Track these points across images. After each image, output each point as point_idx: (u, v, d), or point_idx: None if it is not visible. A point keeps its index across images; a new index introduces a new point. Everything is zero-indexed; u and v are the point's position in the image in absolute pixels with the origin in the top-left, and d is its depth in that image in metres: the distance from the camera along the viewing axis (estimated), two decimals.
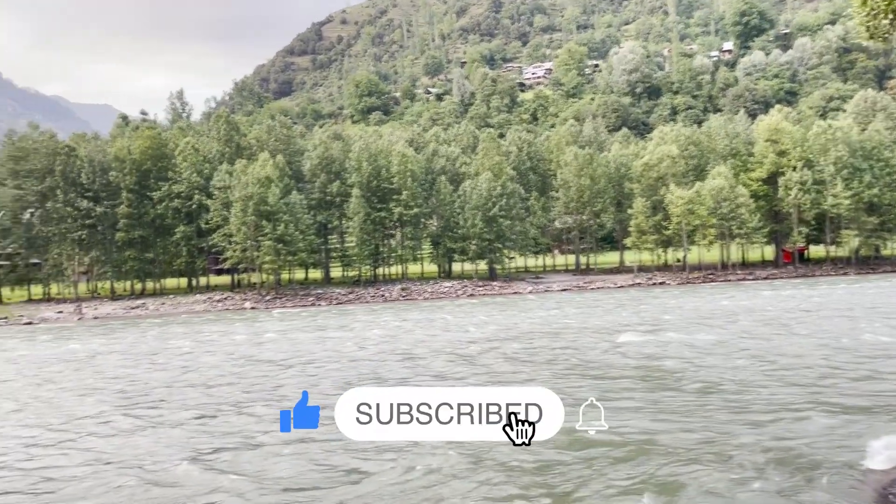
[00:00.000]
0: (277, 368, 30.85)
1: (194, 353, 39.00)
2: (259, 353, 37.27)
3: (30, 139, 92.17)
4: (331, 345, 39.15)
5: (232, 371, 30.82)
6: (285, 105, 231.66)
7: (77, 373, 33.43)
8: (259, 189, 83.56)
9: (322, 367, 30.27)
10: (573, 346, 32.82)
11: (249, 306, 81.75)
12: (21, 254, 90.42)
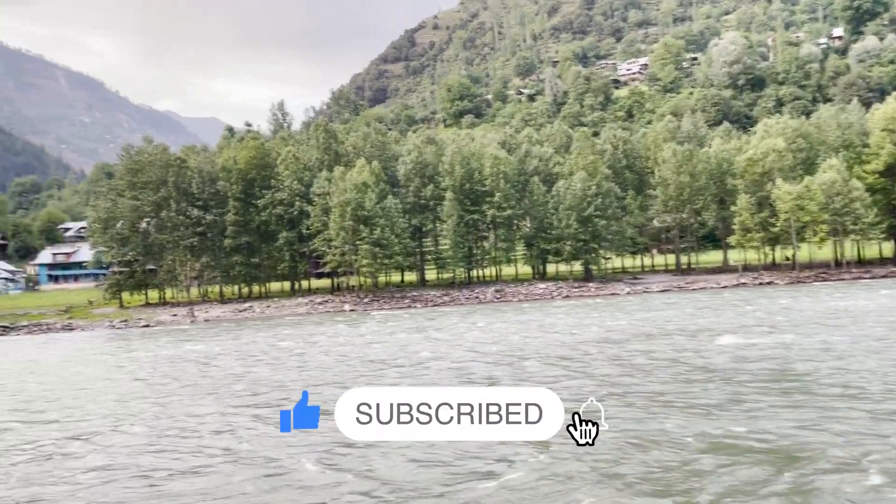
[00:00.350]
0: (389, 368, 31.27)
1: (307, 353, 40.18)
2: (368, 353, 38.05)
3: (145, 153, 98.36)
4: (433, 346, 39.57)
5: (346, 370, 31.57)
6: (380, 112, 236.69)
7: (200, 372, 35.17)
8: (356, 195, 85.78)
9: (429, 368, 30.41)
10: (688, 349, 31.63)
11: (349, 308, 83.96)
12: (139, 260, 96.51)
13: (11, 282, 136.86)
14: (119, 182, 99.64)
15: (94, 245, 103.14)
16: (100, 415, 24.00)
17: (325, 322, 67.28)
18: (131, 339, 63.33)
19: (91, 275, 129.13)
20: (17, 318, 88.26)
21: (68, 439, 20.07)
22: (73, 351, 54.13)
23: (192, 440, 19.13)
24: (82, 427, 21.82)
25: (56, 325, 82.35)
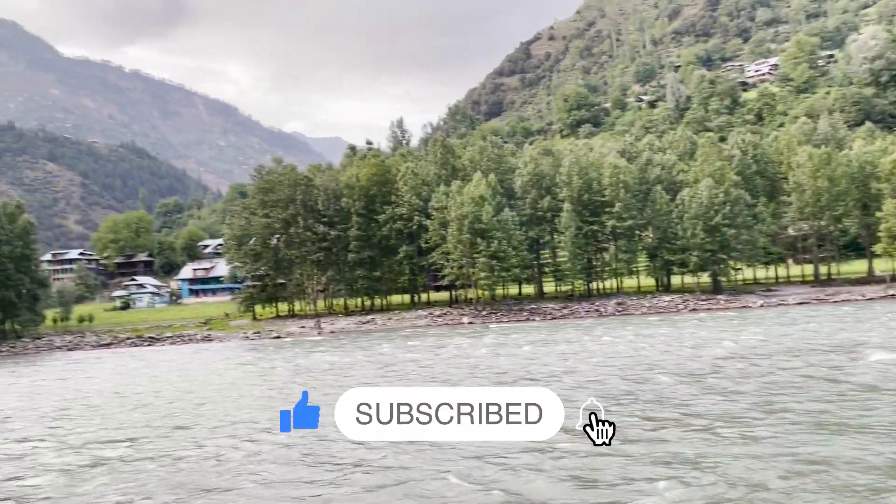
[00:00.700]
0: (524, 382, 30.81)
1: (436, 364, 40.24)
2: (497, 365, 37.55)
3: (275, 172, 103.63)
4: (560, 359, 38.64)
5: (481, 382, 31.32)
6: (496, 125, 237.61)
7: (336, 381, 36.10)
8: (473, 208, 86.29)
9: (563, 382, 29.48)
10: (839, 366, 29.07)
11: (467, 321, 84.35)
12: (270, 275, 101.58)
13: (157, 296, 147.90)
14: (251, 201, 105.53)
15: (230, 261, 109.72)
16: (247, 420, 25.17)
17: (446, 334, 67.84)
18: (265, 349, 66.55)
19: (227, 289, 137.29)
20: (162, 330, 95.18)
21: (227, 446, 20.93)
22: (216, 361, 57.51)
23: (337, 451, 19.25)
24: (240, 431, 22.89)
25: (196, 336, 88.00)
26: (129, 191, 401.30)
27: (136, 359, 66.01)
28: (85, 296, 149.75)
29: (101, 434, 24.51)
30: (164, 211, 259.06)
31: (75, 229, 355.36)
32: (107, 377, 48.65)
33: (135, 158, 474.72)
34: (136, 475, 17.96)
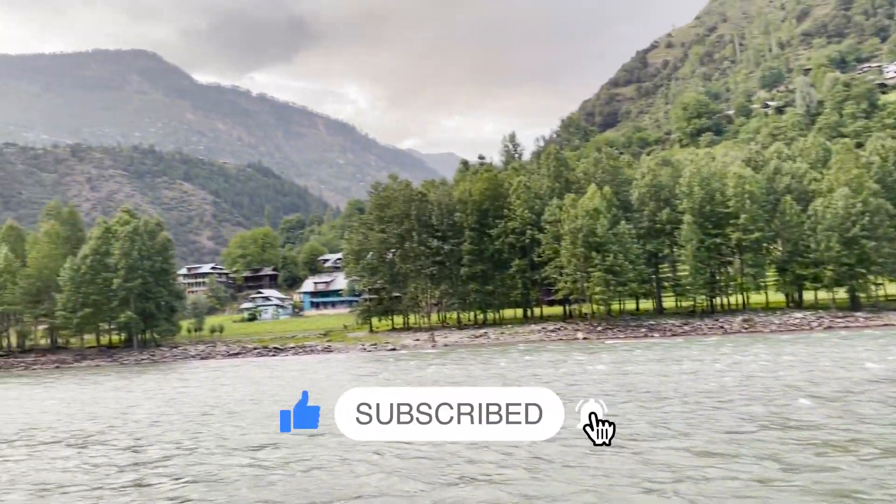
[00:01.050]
0: (664, 401, 29.61)
1: (559, 379, 39.63)
2: (629, 382, 36.26)
3: (390, 189, 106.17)
4: (687, 378, 36.91)
5: (625, 401, 30.20)
6: (611, 136, 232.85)
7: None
8: (588, 221, 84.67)
9: (700, 404, 27.81)
10: None
11: (581, 337, 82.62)
12: (386, 288, 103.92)
13: (281, 308, 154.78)
14: (368, 217, 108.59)
15: (348, 274, 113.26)
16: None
17: (562, 349, 66.69)
18: (385, 361, 67.90)
19: (346, 301, 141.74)
20: (285, 341, 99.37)
21: (358, 459, 21.39)
22: (339, 372, 59.26)
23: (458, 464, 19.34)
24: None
25: (317, 347, 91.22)
26: (255, 208, 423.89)
27: (264, 368, 69.14)
28: (216, 307, 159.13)
29: (244, 439, 25.53)
30: (287, 227, 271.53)
31: (207, 245, 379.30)
32: (241, 384, 51.13)
33: (261, 177, 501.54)
34: (279, 479, 18.61)
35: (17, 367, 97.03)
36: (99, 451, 25.14)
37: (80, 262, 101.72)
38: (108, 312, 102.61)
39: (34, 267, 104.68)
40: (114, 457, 23.98)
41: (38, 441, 28.84)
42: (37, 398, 50.55)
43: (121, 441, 27.33)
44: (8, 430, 32.71)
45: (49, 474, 21.68)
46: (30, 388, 61.55)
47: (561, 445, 19.24)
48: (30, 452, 25.99)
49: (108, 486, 19.51)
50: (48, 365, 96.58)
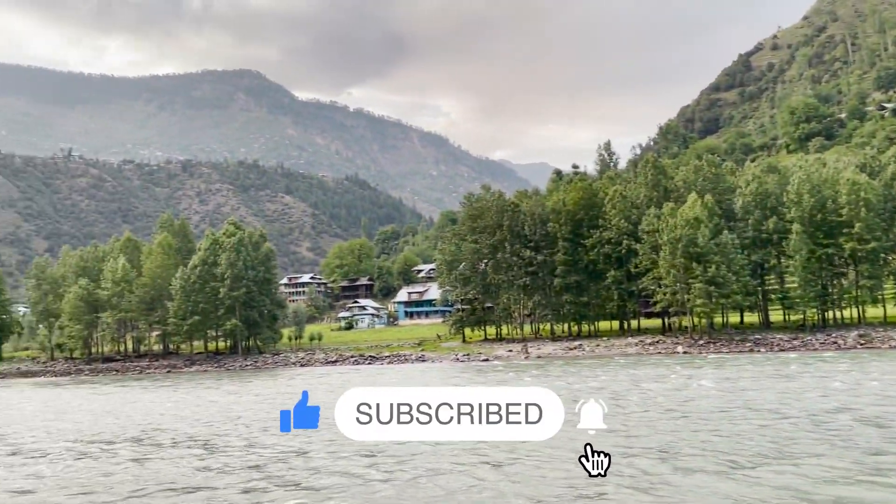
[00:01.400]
0: (783, 420, 28.20)
1: (669, 396, 38.49)
2: (751, 399, 34.64)
3: (483, 199, 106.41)
4: (818, 395, 34.89)
5: (745, 425, 28.97)
6: (712, 143, 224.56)
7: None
8: (688, 230, 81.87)
9: (827, 423, 26.40)
10: None
11: (682, 350, 79.81)
12: (478, 299, 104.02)
13: (376, 317, 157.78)
14: (461, 227, 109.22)
15: (441, 285, 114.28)
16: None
17: (662, 363, 64.63)
18: (485, 372, 67.92)
19: (439, 311, 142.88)
20: (381, 350, 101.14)
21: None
22: (435, 382, 59.74)
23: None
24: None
25: (411, 356, 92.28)
26: (352, 220, 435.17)
27: (361, 374, 70.56)
28: (315, 316, 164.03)
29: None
30: (382, 238, 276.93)
31: (307, 255, 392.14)
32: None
33: (357, 190, 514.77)
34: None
35: (133, 370, 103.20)
36: (217, 453, 26.30)
37: (189, 272, 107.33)
38: (215, 320, 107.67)
39: (148, 276, 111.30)
40: (231, 457, 25.03)
41: (159, 442, 30.49)
42: (156, 401, 53.52)
43: (235, 443, 28.50)
44: (133, 431, 34.75)
45: (175, 474, 22.86)
46: (147, 392, 65.28)
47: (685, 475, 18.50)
48: (153, 453, 27.52)
49: (226, 487, 20.33)
50: (161, 369, 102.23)
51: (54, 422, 41.71)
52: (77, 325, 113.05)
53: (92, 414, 45.69)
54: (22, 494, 21.30)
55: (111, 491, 20.83)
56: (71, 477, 23.51)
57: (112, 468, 24.62)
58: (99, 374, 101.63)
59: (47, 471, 24.87)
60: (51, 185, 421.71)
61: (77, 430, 36.65)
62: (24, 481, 23.26)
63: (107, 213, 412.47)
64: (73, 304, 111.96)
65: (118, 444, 30.12)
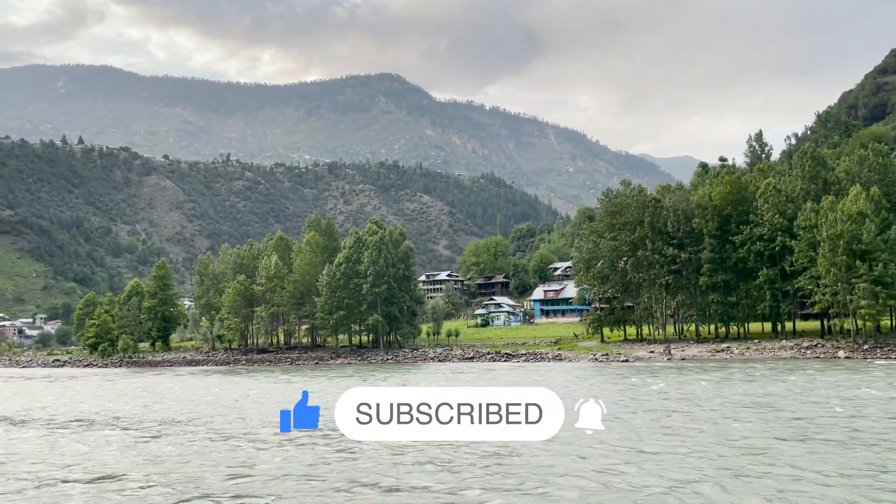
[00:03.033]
0: None
1: (861, 409, 35.98)
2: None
3: (623, 195, 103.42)
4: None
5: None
6: (878, 130, 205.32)
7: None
8: (851, 226, 75.43)
9: None
10: None
11: (843, 355, 73.77)
12: (617, 297, 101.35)
13: (512, 315, 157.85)
14: (599, 224, 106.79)
15: (578, 283, 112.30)
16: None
17: (823, 369, 60.07)
18: (611, 372, 66.31)
19: (575, 310, 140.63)
20: (517, 348, 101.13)
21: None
22: (577, 383, 59.08)
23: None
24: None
25: (548, 355, 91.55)
26: (488, 217, 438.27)
27: (497, 372, 70.95)
28: (452, 313, 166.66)
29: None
30: (518, 235, 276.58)
31: (444, 253, 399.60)
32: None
33: (493, 188, 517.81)
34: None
35: (284, 361, 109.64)
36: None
37: (335, 269, 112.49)
38: (359, 315, 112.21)
39: (298, 273, 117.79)
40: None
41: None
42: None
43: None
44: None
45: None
46: (313, 382, 69.07)
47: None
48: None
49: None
50: (309, 361, 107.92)
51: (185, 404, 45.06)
52: (235, 318, 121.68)
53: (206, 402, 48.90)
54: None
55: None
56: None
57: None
58: (254, 364, 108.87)
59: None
60: (212, 188, 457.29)
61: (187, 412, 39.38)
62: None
63: (261, 213, 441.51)
64: (232, 299, 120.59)
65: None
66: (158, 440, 31.74)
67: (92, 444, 31.33)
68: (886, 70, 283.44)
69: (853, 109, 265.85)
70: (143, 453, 28.25)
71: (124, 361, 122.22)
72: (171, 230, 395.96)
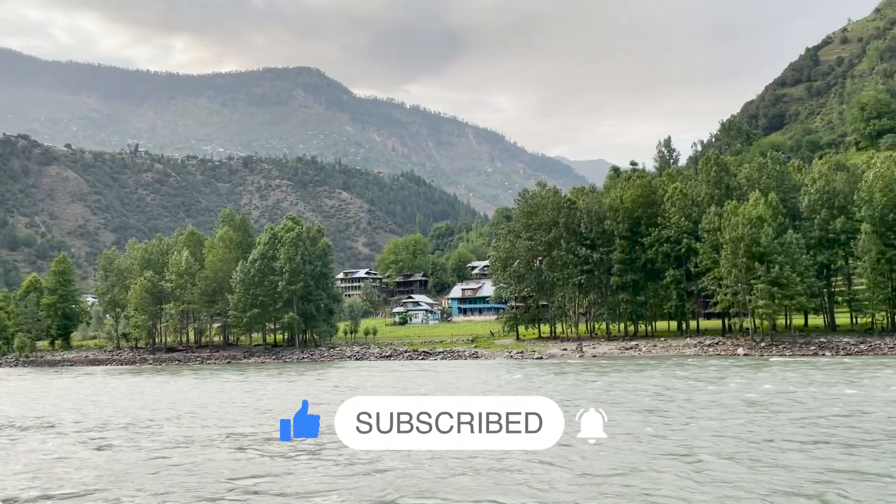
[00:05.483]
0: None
1: (757, 402, 38.04)
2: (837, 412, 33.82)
3: (539, 196, 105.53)
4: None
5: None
6: (776, 139, 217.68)
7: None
8: (750, 230, 79.58)
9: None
10: None
11: (742, 353, 77.76)
12: (533, 296, 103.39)
13: (430, 313, 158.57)
14: (516, 224, 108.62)
15: (495, 282, 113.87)
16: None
17: (722, 366, 63.11)
18: (520, 366, 67.55)
19: (493, 308, 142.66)
20: (434, 346, 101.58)
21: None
22: (486, 380, 59.75)
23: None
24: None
25: (464, 352, 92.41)
26: (407, 216, 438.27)
27: (419, 370, 71.01)
28: (370, 311, 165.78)
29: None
30: (437, 234, 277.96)
31: (363, 251, 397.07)
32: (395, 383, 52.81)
33: (413, 186, 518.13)
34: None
35: (195, 361, 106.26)
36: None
37: (249, 266, 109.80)
38: (274, 313, 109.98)
39: (210, 269, 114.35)
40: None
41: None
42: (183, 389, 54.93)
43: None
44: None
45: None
46: (171, 382, 67.05)
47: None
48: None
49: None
50: (221, 360, 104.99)
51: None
52: (142, 316, 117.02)
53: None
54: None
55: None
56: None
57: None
58: (162, 364, 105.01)
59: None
60: (118, 180, 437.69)
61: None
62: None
63: (171, 207, 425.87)
64: (139, 295, 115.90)
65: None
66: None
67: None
68: (785, 82, 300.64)
69: (754, 119, 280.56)
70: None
71: (20, 361, 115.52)
72: (73, 223, 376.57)
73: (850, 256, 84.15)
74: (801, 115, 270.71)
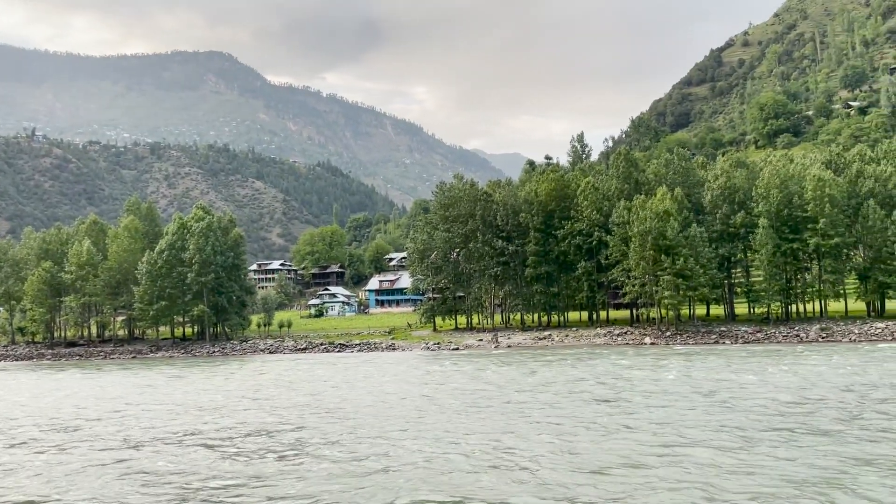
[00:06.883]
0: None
1: (666, 388, 39.31)
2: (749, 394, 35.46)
3: (456, 189, 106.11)
4: (788, 387, 35.87)
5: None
6: (682, 137, 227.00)
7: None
8: (657, 223, 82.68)
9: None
10: None
11: (649, 342, 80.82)
12: (450, 288, 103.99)
13: (347, 305, 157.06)
14: (433, 216, 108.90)
15: (413, 273, 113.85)
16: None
17: (630, 354, 65.32)
18: (447, 357, 67.85)
19: (410, 300, 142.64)
20: (351, 338, 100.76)
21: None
22: (403, 372, 59.62)
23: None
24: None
25: (381, 344, 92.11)
26: (324, 206, 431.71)
27: (328, 364, 70.14)
28: (284, 303, 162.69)
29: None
30: (354, 225, 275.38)
31: (277, 241, 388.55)
32: (332, 379, 51.90)
33: (329, 176, 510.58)
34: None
35: (97, 356, 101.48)
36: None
37: (156, 257, 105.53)
38: (182, 305, 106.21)
39: (114, 260, 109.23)
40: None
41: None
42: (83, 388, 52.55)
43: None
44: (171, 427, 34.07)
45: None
46: (83, 379, 64.14)
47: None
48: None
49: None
50: (126, 355, 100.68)
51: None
52: (39, 309, 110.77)
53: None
54: None
55: None
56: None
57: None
58: (61, 359, 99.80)
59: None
60: (13, 165, 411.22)
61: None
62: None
63: (71, 194, 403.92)
64: (36, 288, 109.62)
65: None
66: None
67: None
68: (691, 82, 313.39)
69: (662, 116, 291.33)
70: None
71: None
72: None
73: (748, 249, 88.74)
74: (705, 113, 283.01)
